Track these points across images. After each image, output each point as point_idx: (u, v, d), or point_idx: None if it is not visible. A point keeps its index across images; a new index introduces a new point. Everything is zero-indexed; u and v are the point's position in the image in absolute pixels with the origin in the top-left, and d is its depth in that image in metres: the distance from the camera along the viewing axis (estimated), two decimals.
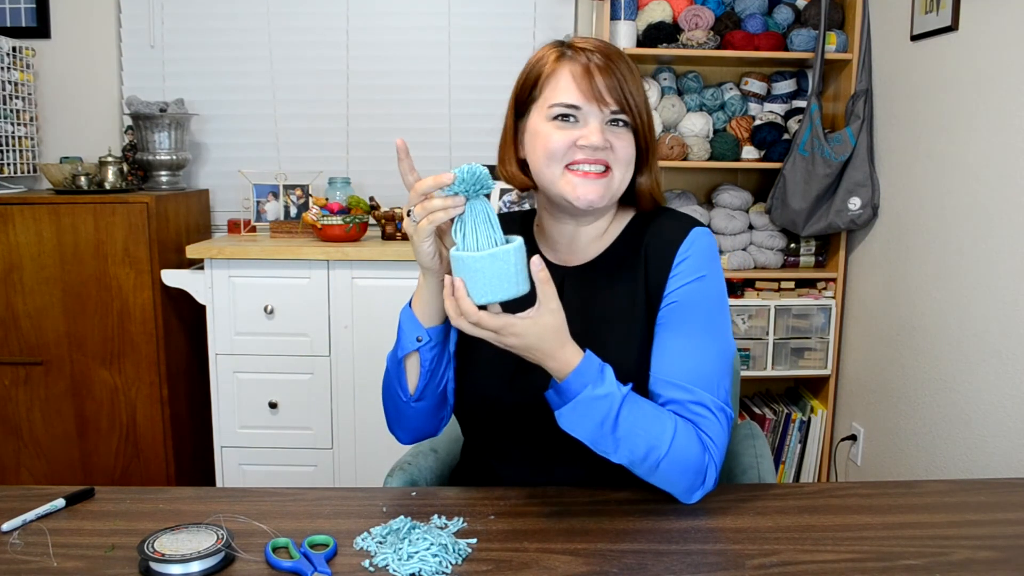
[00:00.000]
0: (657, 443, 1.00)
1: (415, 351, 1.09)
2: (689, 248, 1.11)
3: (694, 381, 1.06)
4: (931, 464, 2.16)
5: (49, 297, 2.36)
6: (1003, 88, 1.88)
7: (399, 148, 1.01)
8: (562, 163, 1.07)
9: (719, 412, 1.06)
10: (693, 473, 1.03)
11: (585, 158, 1.06)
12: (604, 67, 1.06)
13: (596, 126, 1.06)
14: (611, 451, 1.00)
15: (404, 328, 1.09)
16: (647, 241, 1.13)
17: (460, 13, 2.82)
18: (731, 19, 2.60)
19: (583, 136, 1.06)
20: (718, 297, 1.12)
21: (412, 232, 0.99)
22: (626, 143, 1.08)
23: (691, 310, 1.09)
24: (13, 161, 2.59)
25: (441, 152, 2.86)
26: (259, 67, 2.82)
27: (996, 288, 1.91)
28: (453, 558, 0.91)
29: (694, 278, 1.09)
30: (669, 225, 1.14)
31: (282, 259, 2.41)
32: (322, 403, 2.48)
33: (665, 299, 1.10)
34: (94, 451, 2.45)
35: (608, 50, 1.09)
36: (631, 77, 1.07)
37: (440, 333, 1.09)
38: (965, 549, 0.95)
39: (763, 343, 2.63)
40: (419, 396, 1.13)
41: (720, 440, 1.06)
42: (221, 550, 0.90)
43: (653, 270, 1.11)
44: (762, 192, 2.78)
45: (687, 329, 1.09)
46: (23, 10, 2.74)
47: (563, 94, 1.07)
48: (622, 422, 0.98)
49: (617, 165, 1.07)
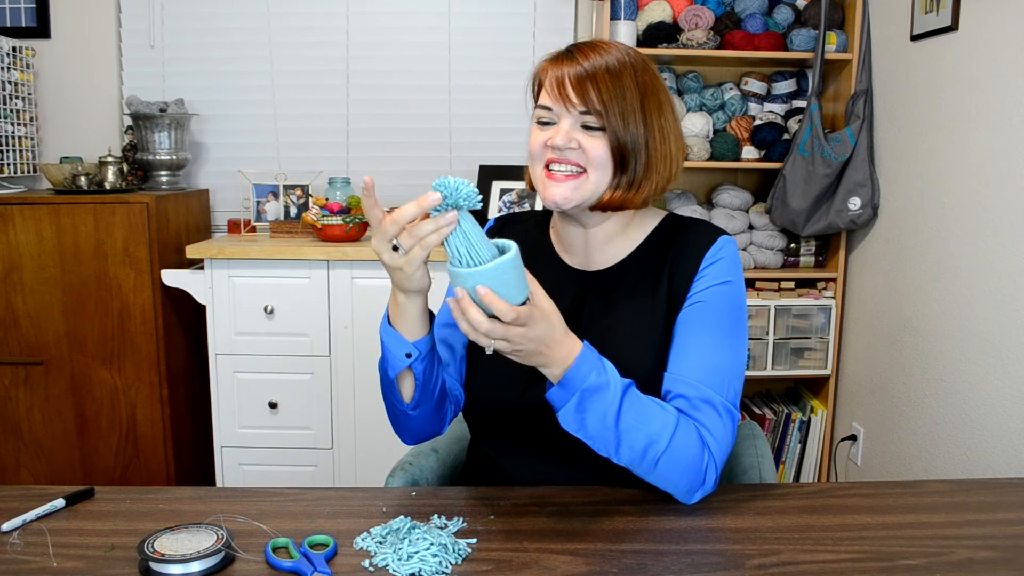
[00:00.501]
0: (657, 437, 1.01)
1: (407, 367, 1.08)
2: (717, 253, 1.14)
3: (706, 379, 1.08)
4: (931, 464, 2.16)
5: (49, 297, 2.36)
6: (1003, 88, 1.88)
7: (367, 185, 0.98)
8: (541, 163, 1.11)
9: (725, 412, 1.07)
10: (693, 472, 1.04)
11: (555, 158, 1.09)
12: (580, 72, 1.07)
13: (564, 127, 1.08)
14: (612, 449, 1.01)
15: (389, 346, 1.07)
16: (674, 249, 1.16)
17: (460, 13, 2.82)
18: (731, 19, 2.60)
19: (551, 136, 1.09)
20: (739, 303, 1.14)
21: (400, 264, 0.97)
22: (597, 145, 1.08)
23: (712, 311, 1.11)
24: (13, 161, 2.59)
25: (441, 152, 2.86)
26: (259, 67, 2.82)
27: (996, 288, 1.91)
28: (453, 558, 0.91)
29: (719, 281, 1.12)
30: (697, 232, 1.17)
31: (282, 259, 2.41)
32: (322, 403, 2.48)
33: (688, 299, 1.12)
34: (94, 451, 2.45)
35: (601, 56, 1.09)
36: (612, 82, 1.07)
37: (427, 343, 1.08)
38: (965, 549, 0.95)
39: (763, 343, 2.63)
40: (416, 404, 1.12)
41: (723, 439, 1.07)
42: (221, 550, 0.90)
43: (678, 275, 1.13)
44: (762, 192, 2.78)
45: (706, 329, 1.11)
46: (23, 10, 2.74)
47: (543, 97, 1.12)
48: (624, 414, 0.99)
49: (591, 167, 1.08)
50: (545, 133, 1.10)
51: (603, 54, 1.10)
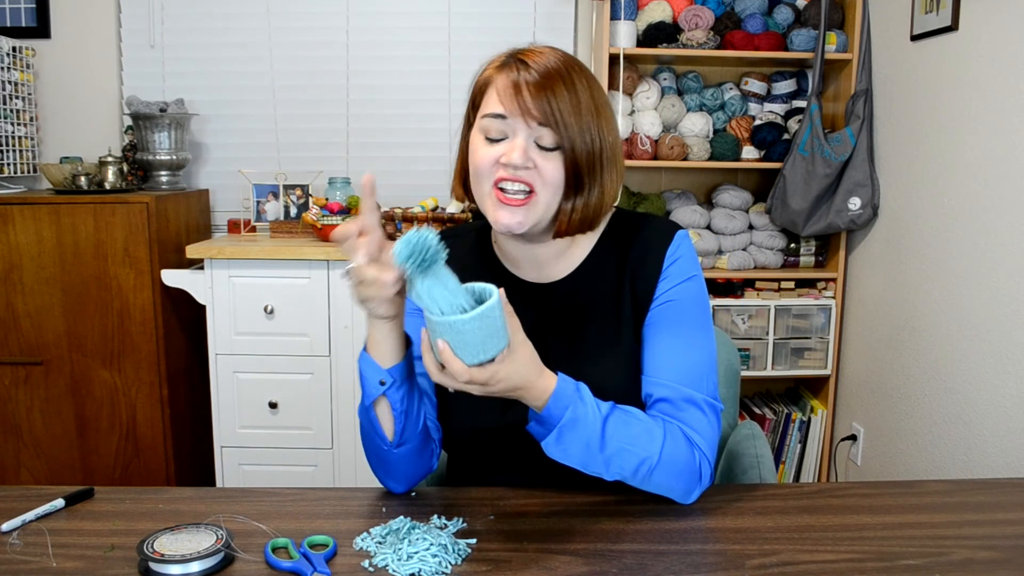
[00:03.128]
0: (647, 455, 1.00)
1: (383, 395, 1.03)
2: (677, 250, 1.11)
3: (684, 379, 1.07)
4: (931, 464, 2.16)
5: (49, 297, 2.36)
6: (1003, 88, 1.88)
7: (366, 183, 0.96)
8: (489, 180, 1.04)
9: (708, 408, 1.07)
10: (687, 475, 1.04)
11: (507, 176, 1.02)
12: (536, 83, 1.00)
13: (520, 143, 1.01)
14: (603, 471, 1.00)
15: (365, 375, 1.03)
16: (634, 251, 1.12)
17: (460, 13, 2.82)
18: (731, 19, 2.60)
19: (505, 153, 1.01)
20: (704, 297, 1.13)
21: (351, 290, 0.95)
22: (554, 167, 1.01)
23: (682, 309, 1.10)
24: (13, 161, 2.59)
25: (441, 152, 2.86)
26: (259, 67, 2.83)
27: (996, 288, 1.91)
28: (453, 558, 0.91)
29: (684, 279, 1.10)
30: (652, 230, 1.13)
31: (282, 259, 2.41)
32: (322, 403, 2.48)
33: (655, 300, 1.10)
34: (94, 451, 2.45)
35: (552, 64, 1.03)
36: (569, 95, 1.01)
37: (403, 370, 1.03)
38: (965, 549, 0.95)
39: (763, 343, 2.63)
40: (400, 441, 1.06)
41: (709, 436, 1.06)
42: (221, 550, 0.90)
43: (641, 276, 1.10)
44: (762, 192, 2.78)
45: (678, 328, 1.09)
46: (23, 10, 2.74)
47: (493, 105, 1.03)
48: (608, 440, 0.98)
49: (544, 188, 1.02)
50: (496, 149, 1.02)
51: (552, 60, 1.03)
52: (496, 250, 1.18)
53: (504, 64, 1.05)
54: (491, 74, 1.06)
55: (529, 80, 1.01)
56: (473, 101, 1.09)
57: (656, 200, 2.70)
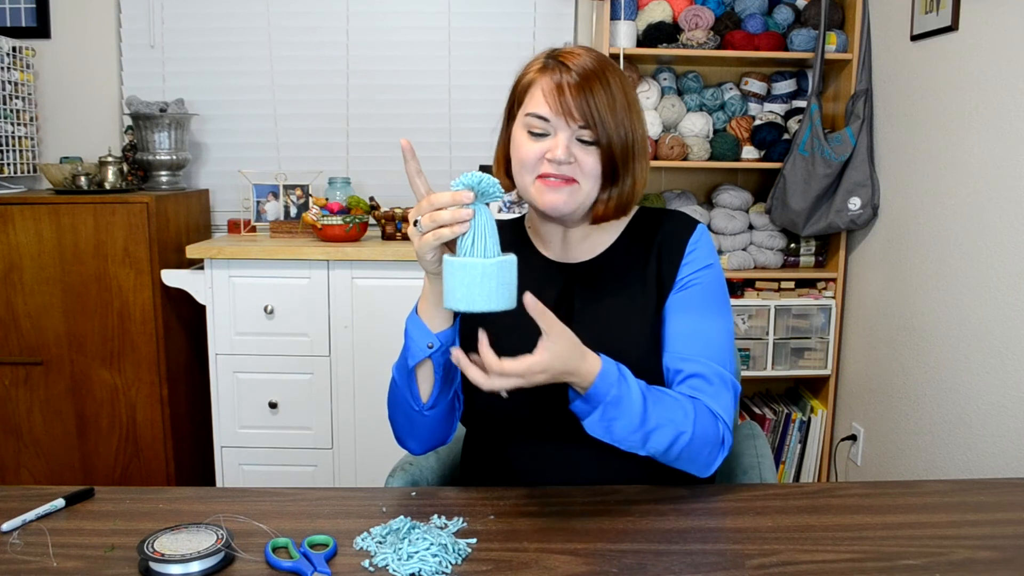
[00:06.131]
0: (682, 429, 1.06)
1: (427, 358, 1.09)
2: (698, 240, 1.20)
3: (714, 356, 1.14)
4: (931, 464, 2.16)
5: (49, 297, 2.36)
6: (1003, 88, 1.88)
7: (405, 149, 1.02)
8: (533, 173, 1.12)
9: (731, 385, 1.15)
10: (712, 446, 1.10)
11: (551, 171, 1.11)
12: (577, 84, 1.09)
13: (563, 141, 1.09)
14: (639, 446, 1.05)
15: (412, 336, 1.09)
16: (659, 238, 1.21)
17: (460, 13, 2.82)
18: (731, 19, 2.60)
19: (550, 150, 1.10)
20: (724, 284, 1.22)
21: (416, 241, 1.00)
22: (593, 159, 1.11)
23: (703, 293, 1.18)
24: (13, 161, 2.59)
25: (441, 152, 2.86)
26: (259, 67, 2.82)
27: (996, 288, 1.91)
28: (453, 558, 0.91)
29: (704, 265, 1.19)
30: (676, 222, 1.23)
31: (282, 259, 2.41)
32: (322, 403, 2.48)
33: (677, 284, 1.18)
34: (94, 451, 2.45)
35: (590, 65, 1.11)
36: (606, 95, 1.09)
37: (450, 337, 1.09)
38: (965, 549, 0.95)
39: (763, 343, 2.63)
40: (432, 403, 1.13)
41: (730, 410, 1.14)
42: (221, 550, 0.90)
43: (665, 262, 1.19)
44: (762, 192, 2.78)
45: (700, 310, 1.17)
46: (23, 10, 2.74)
47: (537, 105, 1.11)
48: (649, 417, 1.03)
49: (584, 179, 1.11)
50: (541, 144, 1.11)
51: (588, 61, 1.12)
52: (529, 233, 1.28)
53: (545, 66, 1.14)
54: (534, 76, 1.14)
55: (570, 82, 1.09)
56: (517, 99, 1.17)
57: (656, 200, 2.70)
